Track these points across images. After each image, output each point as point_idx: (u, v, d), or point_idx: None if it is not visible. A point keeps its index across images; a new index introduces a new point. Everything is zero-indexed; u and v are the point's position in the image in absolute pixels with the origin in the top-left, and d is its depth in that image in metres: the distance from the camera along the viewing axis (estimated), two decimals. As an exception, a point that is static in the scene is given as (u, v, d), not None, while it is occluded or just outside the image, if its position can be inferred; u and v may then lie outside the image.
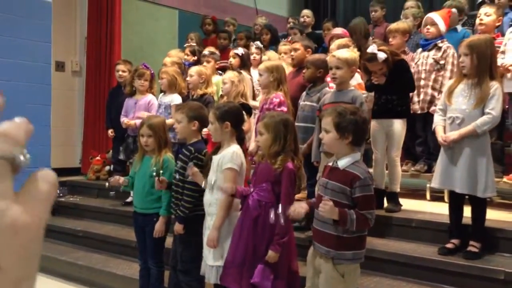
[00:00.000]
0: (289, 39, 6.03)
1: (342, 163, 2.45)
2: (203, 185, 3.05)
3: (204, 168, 3.09)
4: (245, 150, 3.76)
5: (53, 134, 5.77)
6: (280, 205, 2.72)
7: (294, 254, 2.87)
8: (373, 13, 6.11)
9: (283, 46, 5.00)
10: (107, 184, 4.90)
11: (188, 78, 4.67)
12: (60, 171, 5.93)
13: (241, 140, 3.12)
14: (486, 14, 3.91)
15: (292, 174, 2.74)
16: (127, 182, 3.46)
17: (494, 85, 3.01)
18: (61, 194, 5.59)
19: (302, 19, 6.68)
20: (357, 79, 4.13)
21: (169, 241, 3.36)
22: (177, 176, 3.21)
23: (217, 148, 3.10)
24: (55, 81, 5.92)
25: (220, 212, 2.92)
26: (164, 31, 7.52)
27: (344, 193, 2.42)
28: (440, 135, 3.15)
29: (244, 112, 3.32)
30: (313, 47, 4.95)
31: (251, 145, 4.07)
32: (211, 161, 3.04)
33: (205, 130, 3.33)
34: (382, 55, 3.71)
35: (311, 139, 3.72)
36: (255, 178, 2.92)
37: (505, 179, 3.73)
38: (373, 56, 3.70)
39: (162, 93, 4.90)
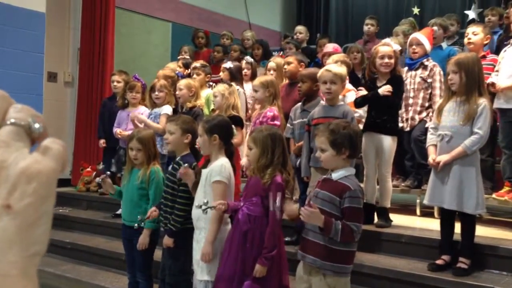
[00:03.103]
0: (280, 54, 6.09)
1: (336, 175, 2.49)
2: (192, 190, 3.04)
3: (194, 181, 3.08)
4: (236, 163, 3.77)
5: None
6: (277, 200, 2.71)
7: (285, 269, 2.86)
8: (368, 27, 6.16)
9: (276, 60, 5.03)
10: (97, 179, 4.93)
11: (177, 92, 4.67)
12: (49, 182, 5.89)
13: (231, 153, 3.12)
14: (474, 33, 3.98)
15: (280, 187, 2.75)
16: (114, 190, 3.44)
17: (482, 103, 3.04)
18: (50, 206, 5.53)
19: (295, 36, 6.73)
20: (352, 97, 4.16)
21: (158, 254, 3.34)
22: (168, 189, 3.21)
23: (206, 162, 3.11)
24: (47, 92, 5.92)
25: (212, 226, 2.90)
26: (157, 44, 7.55)
27: (333, 203, 2.44)
28: (431, 157, 3.18)
29: (234, 125, 3.34)
30: (307, 61, 5.00)
31: (244, 159, 4.07)
32: (200, 175, 3.04)
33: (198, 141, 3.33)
34: (396, 47, 3.76)
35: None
36: (246, 192, 2.93)
37: (494, 195, 3.75)
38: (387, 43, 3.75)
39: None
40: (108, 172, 3.48)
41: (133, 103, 5.00)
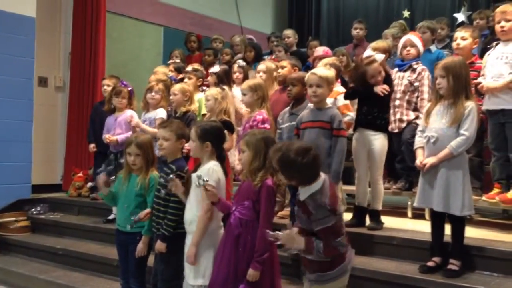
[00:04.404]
0: (272, 57, 6.10)
1: (301, 196, 2.50)
2: (184, 200, 3.06)
3: (185, 186, 3.09)
4: (227, 167, 3.77)
5: (35, 150, 5.73)
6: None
7: (277, 272, 2.87)
8: (356, 31, 6.23)
9: (266, 63, 5.03)
10: (89, 184, 4.91)
11: (171, 96, 4.68)
12: (41, 188, 5.88)
13: (222, 158, 3.14)
14: (463, 38, 4.01)
15: (271, 190, 2.76)
16: (107, 191, 3.41)
17: (469, 106, 3.07)
18: (41, 211, 5.52)
19: (284, 40, 6.75)
20: (343, 100, 4.19)
21: (150, 259, 3.33)
22: (160, 194, 3.21)
23: (197, 166, 3.12)
24: (38, 97, 5.90)
25: (199, 228, 2.92)
26: (149, 48, 7.54)
27: (309, 223, 2.46)
28: (419, 159, 3.20)
29: (225, 130, 3.35)
30: (300, 66, 5.02)
31: (236, 163, 4.07)
32: (191, 179, 3.05)
33: (187, 145, 3.34)
34: (380, 56, 3.78)
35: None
36: (238, 196, 2.94)
37: (484, 197, 3.78)
38: (372, 60, 3.77)
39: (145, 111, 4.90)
40: (104, 172, 3.47)
41: (119, 108, 5.01)
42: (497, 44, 3.82)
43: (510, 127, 3.62)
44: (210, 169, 2.96)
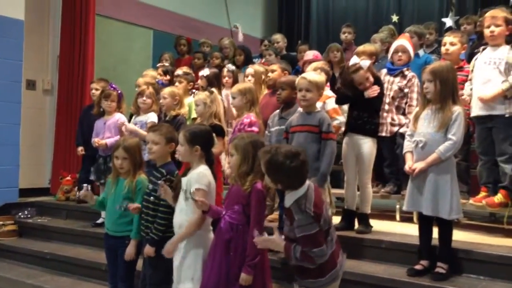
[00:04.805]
0: (262, 61, 6.11)
1: (286, 202, 2.51)
2: (173, 205, 3.05)
3: (174, 190, 3.09)
4: (217, 171, 3.77)
5: (22, 154, 5.68)
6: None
7: (268, 276, 2.87)
8: (345, 35, 6.27)
9: (255, 67, 5.04)
10: (77, 194, 4.87)
11: (161, 100, 4.67)
12: (28, 191, 5.83)
13: (211, 162, 3.14)
14: (451, 43, 4.04)
15: (261, 194, 2.76)
16: (94, 201, 3.43)
17: (457, 110, 3.10)
18: (29, 215, 5.47)
19: (274, 44, 6.77)
20: (332, 104, 4.21)
21: (139, 264, 3.32)
22: (149, 198, 3.20)
23: (187, 170, 3.12)
24: (26, 100, 5.86)
25: (187, 228, 2.92)
26: (138, 51, 7.52)
27: (293, 229, 2.47)
28: (408, 164, 3.23)
29: (216, 134, 3.36)
30: (290, 69, 5.04)
31: (226, 168, 4.07)
32: (180, 183, 3.04)
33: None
34: (365, 62, 3.82)
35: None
36: (227, 201, 2.94)
37: (471, 200, 3.81)
38: (358, 67, 3.80)
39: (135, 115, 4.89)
40: (85, 185, 3.46)
41: (108, 111, 4.99)
42: (484, 49, 3.86)
43: (497, 132, 3.66)
44: (201, 174, 2.96)
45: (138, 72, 6.07)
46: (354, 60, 3.87)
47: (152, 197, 3.18)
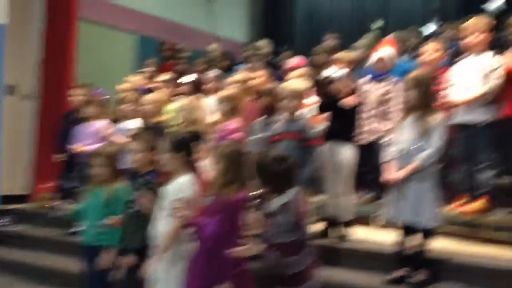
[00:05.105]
0: (248, 67, 6.10)
1: (272, 205, 2.51)
2: (154, 214, 3.02)
3: (156, 198, 3.05)
4: (199, 179, 3.74)
5: (2, 160, 5.59)
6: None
7: (250, 285, 2.84)
8: (328, 42, 6.28)
9: (241, 74, 5.02)
10: (51, 207, 4.84)
11: (142, 107, 4.63)
12: (7, 198, 5.73)
13: (194, 170, 3.11)
14: (433, 51, 4.07)
15: (244, 203, 2.74)
16: (71, 213, 3.40)
17: (437, 118, 3.12)
18: (7, 223, 5.38)
19: (259, 51, 6.76)
20: (312, 112, 4.20)
21: (117, 273, 3.27)
22: (130, 207, 3.17)
23: (169, 178, 3.09)
24: (6, 105, 5.76)
25: (166, 240, 2.88)
26: (122, 56, 7.43)
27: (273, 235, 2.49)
28: (390, 173, 3.23)
29: (197, 140, 3.34)
30: (275, 76, 5.04)
31: (208, 174, 4.05)
32: (162, 192, 3.01)
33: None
34: (340, 73, 3.86)
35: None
36: (210, 210, 2.91)
37: (450, 207, 3.83)
38: (333, 77, 3.87)
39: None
40: (57, 203, 3.44)
41: (90, 118, 4.93)
42: (466, 56, 3.89)
43: (478, 140, 3.68)
44: (184, 183, 2.94)
45: (121, 78, 6.02)
46: (330, 70, 3.92)
47: (133, 206, 3.14)
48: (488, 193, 3.66)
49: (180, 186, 2.92)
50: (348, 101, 3.80)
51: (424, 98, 3.15)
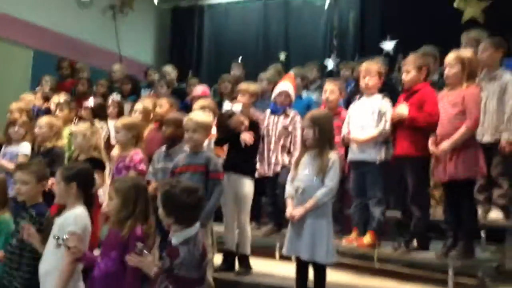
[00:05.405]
0: (151, 92, 6.02)
1: (174, 239, 2.46)
2: (40, 249, 2.85)
3: (44, 232, 2.88)
4: (96, 211, 3.59)
5: None
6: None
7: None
8: (233, 72, 6.41)
9: (144, 102, 4.91)
10: None
11: (36, 130, 4.36)
12: None
13: (90, 203, 2.99)
14: (331, 91, 4.29)
15: (140, 241, 2.67)
16: None
17: (332, 157, 3.28)
18: None
19: (165, 77, 6.71)
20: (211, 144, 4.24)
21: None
22: (14, 242, 2.95)
23: (60, 210, 2.93)
24: None
25: (58, 279, 2.71)
26: (16, 72, 6.90)
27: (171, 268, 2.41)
28: (288, 210, 3.33)
29: (95, 168, 3.22)
30: (178, 105, 5.00)
31: (105, 204, 3.89)
32: (52, 225, 2.85)
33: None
34: (237, 107, 3.97)
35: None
36: (104, 247, 2.79)
37: (344, 241, 4.02)
38: (232, 112, 3.97)
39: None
40: None
41: None
42: (360, 97, 4.15)
43: (370, 177, 3.92)
44: (77, 216, 2.81)
45: (15, 95, 5.64)
46: (226, 106, 4.01)
47: (16, 240, 2.93)
48: (377, 227, 3.88)
49: (72, 220, 2.78)
50: (246, 137, 3.92)
51: (321, 137, 3.30)
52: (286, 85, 4.56)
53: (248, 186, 3.90)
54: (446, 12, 6.32)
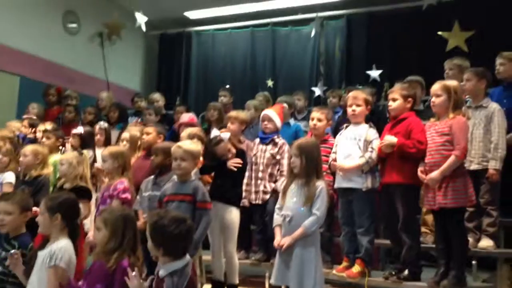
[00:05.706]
0: (138, 120, 6.00)
1: (161, 272, 2.44)
2: (24, 282, 2.80)
3: (28, 265, 2.82)
4: (81, 241, 3.53)
5: None
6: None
7: None
8: (221, 99, 6.43)
9: (131, 131, 4.87)
10: None
11: (21, 158, 4.30)
12: None
13: (75, 234, 2.93)
14: (318, 119, 4.30)
15: (126, 273, 2.61)
16: None
17: (320, 185, 3.27)
18: None
19: (153, 104, 6.71)
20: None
21: None
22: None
23: (45, 242, 2.87)
24: None
25: None
26: (3, 99, 6.82)
27: None
28: (276, 240, 3.30)
29: (81, 197, 3.18)
30: (165, 133, 4.98)
31: (90, 234, 3.83)
32: (35, 258, 2.79)
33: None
34: (226, 135, 3.98)
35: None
36: (89, 279, 2.72)
37: (334, 271, 3.98)
38: (219, 139, 3.96)
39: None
40: None
41: None
42: (347, 126, 4.17)
43: (357, 205, 3.90)
44: (61, 250, 2.76)
45: (1, 123, 5.58)
46: (215, 132, 4.01)
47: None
48: (365, 256, 3.86)
49: (56, 253, 2.72)
50: (232, 165, 3.92)
51: (308, 165, 3.29)
52: (268, 111, 4.60)
53: (234, 214, 3.88)
54: (432, 41, 6.43)
